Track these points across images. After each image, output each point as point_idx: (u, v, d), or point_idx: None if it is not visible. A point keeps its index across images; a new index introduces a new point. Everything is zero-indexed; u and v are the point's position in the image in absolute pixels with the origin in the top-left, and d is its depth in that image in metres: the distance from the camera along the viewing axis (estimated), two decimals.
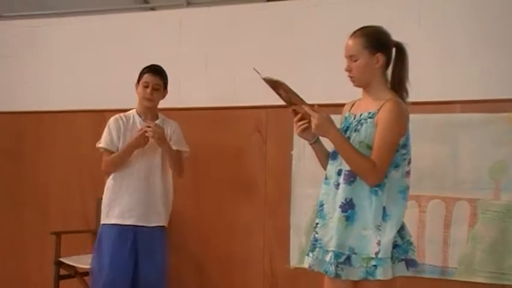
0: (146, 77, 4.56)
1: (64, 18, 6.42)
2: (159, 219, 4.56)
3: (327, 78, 4.64)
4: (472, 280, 4.51)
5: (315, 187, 4.63)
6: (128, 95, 5.61)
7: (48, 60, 6.31)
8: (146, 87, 4.54)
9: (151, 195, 4.54)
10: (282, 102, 3.19)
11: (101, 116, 5.87)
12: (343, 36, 3.19)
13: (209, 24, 5.70)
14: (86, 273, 5.44)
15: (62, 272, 5.49)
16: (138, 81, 4.59)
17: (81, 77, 6.12)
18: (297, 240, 5.10)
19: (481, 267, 4.49)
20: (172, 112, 5.54)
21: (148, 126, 4.36)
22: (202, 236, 5.58)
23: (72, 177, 6.12)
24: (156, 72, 4.61)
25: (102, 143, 4.56)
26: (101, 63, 6.10)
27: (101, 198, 5.65)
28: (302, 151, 4.95)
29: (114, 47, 6.07)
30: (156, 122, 4.55)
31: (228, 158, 5.53)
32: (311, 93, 3.38)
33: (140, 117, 4.62)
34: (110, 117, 5.79)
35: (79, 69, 6.16)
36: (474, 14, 4.76)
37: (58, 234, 5.51)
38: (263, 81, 3.07)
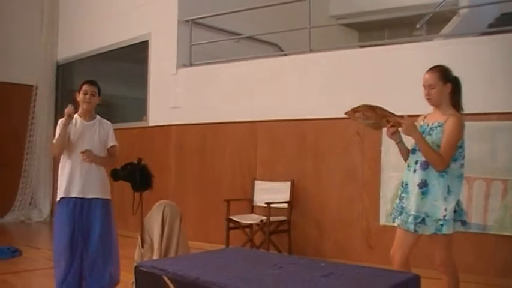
0: (85, 86, 4.10)
1: (229, 64, 6.82)
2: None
3: (411, 99, 4.00)
4: (503, 233, 4.66)
5: (396, 171, 4.92)
6: (274, 110, 5.99)
7: (219, 90, 6.72)
8: (85, 94, 4.07)
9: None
10: None
11: (253, 125, 6.34)
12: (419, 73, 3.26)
13: (326, 65, 5.89)
14: (246, 226, 5.78)
15: (231, 225, 5.81)
16: (79, 91, 4.12)
17: (241, 100, 6.49)
18: (384, 207, 5.28)
19: (510, 225, 4.63)
20: (301, 122, 5.92)
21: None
22: (320, 204, 5.79)
23: (236, 165, 6.49)
24: (91, 82, 4.15)
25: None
26: (253, 90, 6.38)
27: (255, 179, 6.13)
28: (388, 148, 5.08)
29: (261, 80, 6.36)
30: (95, 120, 4.12)
31: (337, 152, 5.70)
32: (401, 107, 3.39)
33: (81, 117, 4.12)
34: (260, 127, 6.25)
35: (239, 95, 6.52)
36: None
37: (228, 201, 5.83)
38: (359, 111, 3.14)
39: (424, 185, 3.12)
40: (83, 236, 3.98)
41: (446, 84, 3.17)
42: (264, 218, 5.57)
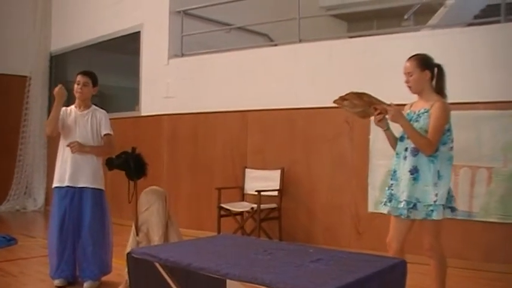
0: (77, 77, 4.08)
1: (219, 54, 6.78)
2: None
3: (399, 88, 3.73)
4: (488, 220, 4.68)
5: (384, 159, 4.95)
6: (264, 100, 5.94)
7: (211, 80, 6.67)
8: (78, 84, 4.06)
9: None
10: None
11: (244, 115, 6.31)
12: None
13: (316, 55, 5.88)
14: (237, 213, 5.75)
15: (222, 213, 5.79)
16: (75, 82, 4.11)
17: (232, 90, 6.47)
18: (373, 194, 5.28)
19: (494, 211, 4.65)
20: (291, 111, 5.90)
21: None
22: (310, 192, 5.78)
23: (227, 154, 6.47)
24: (84, 73, 4.11)
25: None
26: (244, 80, 6.38)
27: (246, 167, 6.11)
28: (376, 136, 5.04)
29: (251, 70, 6.35)
30: (88, 110, 4.10)
31: (327, 140, 5.69)
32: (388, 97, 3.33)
33: (75, 108, 4.14)
34: (250, 116, 6.21)
35: (230, 85, 6.49)
36: None
37: (219, 189, 5.82)
38: (348, 97, 3.15)
39: (415, 171, 3.13)
40: (74, 225, 3.98)
41: (424, 72, 3.17)
42: (255, 205, 5.56)
